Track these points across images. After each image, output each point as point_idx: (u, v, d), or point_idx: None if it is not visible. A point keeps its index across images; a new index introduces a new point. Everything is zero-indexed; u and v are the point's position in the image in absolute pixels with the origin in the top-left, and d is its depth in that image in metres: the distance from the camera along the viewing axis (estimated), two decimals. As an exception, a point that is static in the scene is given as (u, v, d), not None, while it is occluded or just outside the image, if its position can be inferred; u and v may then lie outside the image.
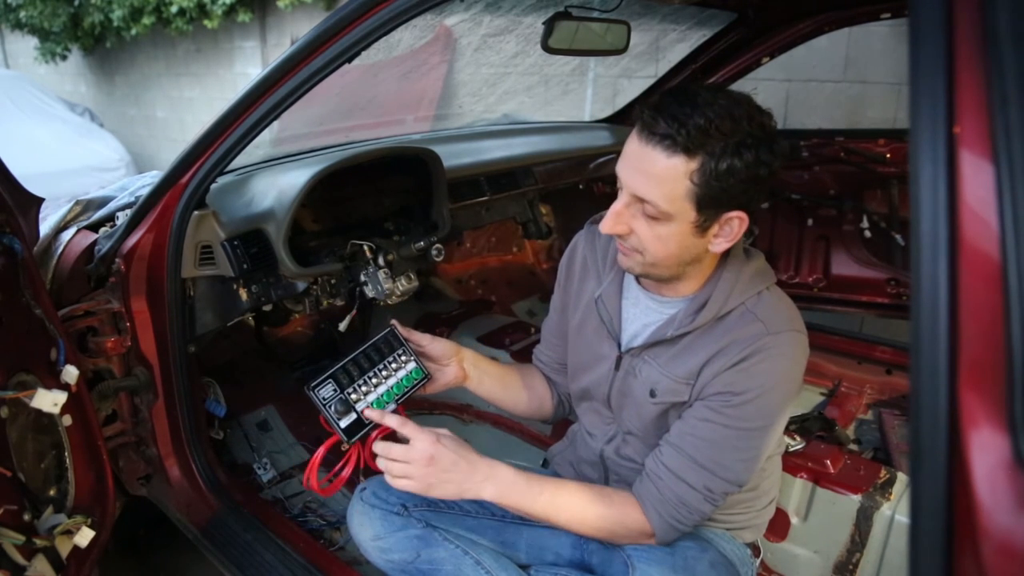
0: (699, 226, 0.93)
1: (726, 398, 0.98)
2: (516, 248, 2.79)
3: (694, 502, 1.01)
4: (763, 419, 0.99)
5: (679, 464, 1.01)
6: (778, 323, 0.99)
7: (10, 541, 1.11)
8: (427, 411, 2.20)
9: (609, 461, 1.19)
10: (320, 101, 2.56)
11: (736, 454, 1.00)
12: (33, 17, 6.73)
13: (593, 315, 1.16)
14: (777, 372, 0.98)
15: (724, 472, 1.00)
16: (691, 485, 1.00)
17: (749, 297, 1.01)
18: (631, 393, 1.10)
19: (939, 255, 0.53)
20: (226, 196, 1.53)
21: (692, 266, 1.01)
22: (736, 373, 0.97)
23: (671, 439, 1.03)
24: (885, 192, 2.29)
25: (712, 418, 0.99)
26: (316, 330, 2.22)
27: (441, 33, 4.33)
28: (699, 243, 0.96)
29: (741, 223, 0.94)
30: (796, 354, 0.99)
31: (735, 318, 1.01)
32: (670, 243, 0.95)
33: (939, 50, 0.53)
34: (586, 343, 1.18)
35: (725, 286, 1.01)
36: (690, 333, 1.03)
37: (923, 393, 0.54)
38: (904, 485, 1.38)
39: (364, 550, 1.20)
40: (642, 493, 1.05)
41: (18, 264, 1.23)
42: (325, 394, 1.09)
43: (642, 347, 1.08)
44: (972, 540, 0.53)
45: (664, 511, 1.02)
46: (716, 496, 1.01)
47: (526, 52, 3.83)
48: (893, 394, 2.01)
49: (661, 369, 1.06)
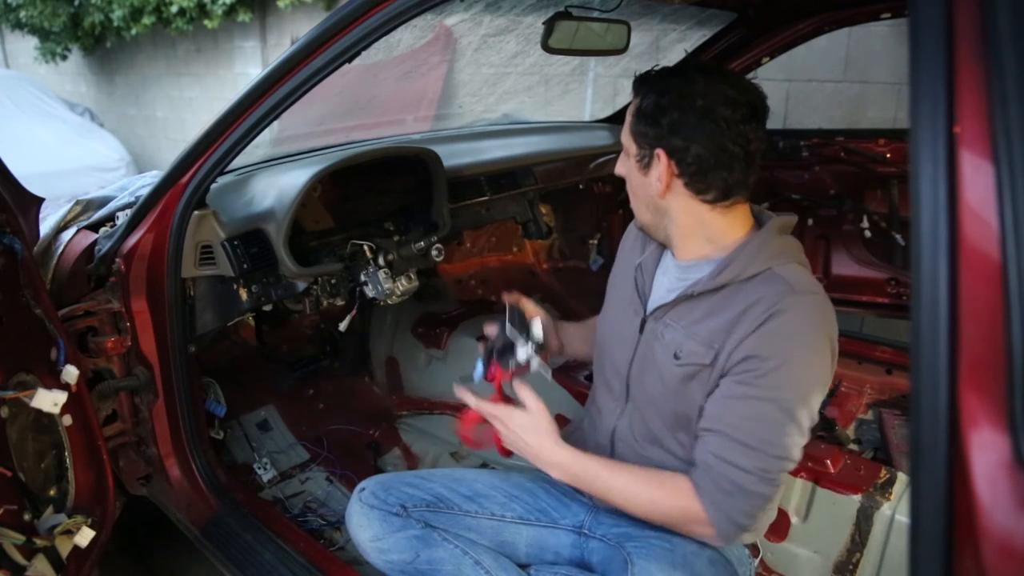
0: (640, 161, 1.07)
1: (753, 364, 0.97)
2: (516, 248, 2.79)
3: (750, 485, 0.97)
4: (795, 389, 0.97)
5: (726, 449, 0.98)
6: (804, 285, 1.00)
7: (10, 541, 1.11)
8: (427, 411, 2.20)
9: (619, 442, 1.18)
10: (320, 101, 2.57)
11: (778, 428, 0.97)
12: (33, 17, 6.73)
13: (629, 284, 1.19)
14: (803, 335, 0.97)
15: (773, 449, 0.97)
16: (743, 468, 0.97)
17: (778, 264, 1.02)
18: (654, 358, 1.09)
19: (939, 255, 0.53)
20: (226, 196, 1.53)
21: (665, 218, 1.08)
22: (760, 336, 0.96)
23: (711, 425, 1.01)
24: (885, 192, 2.28)
25: (745, 392, 0.98)
26: (316, 330, 2.22)
27: (441, 33, 4.33)
28: (646, 183, 1.07)
29: (664, 162, 1.02)
30: (821, 318, 0.99)
31: (761, 281, 1.01)
32: (632, 181, 1.11)
33: (939, 50, 0.53)
34: (616, 310, 1.22)
35: (751, 249, 1.02)
36: (715, 293, 1.03)
37: (923, 393, 0.55)
38: (904, 485, 1.38)
39: (363, 551, 1.20)
40: (699, 483, 1.02)
41: (18, 264, 1.23)
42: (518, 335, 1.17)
43: (666, 307, 1.09)
44: (972, 540, 0.53)
45: (723, 503, 0.99)
46: (773, 476, 0.98)
47: (526, 52, 3.83)
48: (893, 394, 2.01)
49: (684, 330, 1.05)
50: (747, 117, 0.99)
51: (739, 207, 1.06)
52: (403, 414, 2.24)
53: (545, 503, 1.24)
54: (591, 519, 1.21)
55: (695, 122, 0.98)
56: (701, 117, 0.98)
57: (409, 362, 2.24)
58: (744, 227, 1.07)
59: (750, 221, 1.08)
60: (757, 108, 1.00)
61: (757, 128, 1.00)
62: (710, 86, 0.98)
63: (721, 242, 1.06)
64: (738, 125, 0.98)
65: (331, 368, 2.25)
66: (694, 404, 1.05)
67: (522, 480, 1.28)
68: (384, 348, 2.30)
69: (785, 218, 1.08)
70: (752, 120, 0.99)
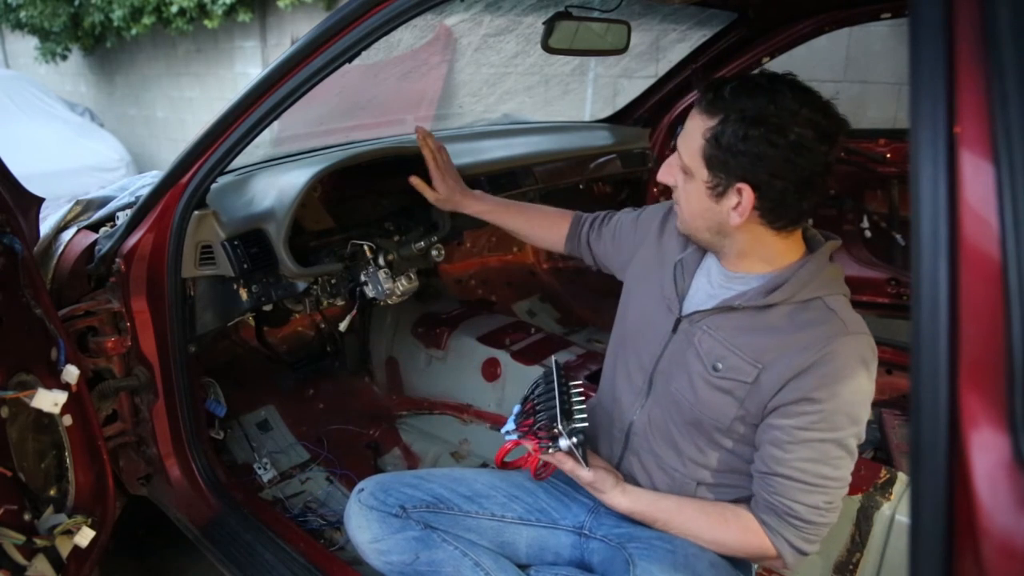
0: (712, 189, 0.99)
1: (809, 407, 0.96)
2: (516, 248, 2.79)
3: (816, 518, 1.00)
4: (851, 425, 0.98)
5: (789, 490, 1.00)
6: (856, 325, 0.99)
7: (10, 541, 1.11)
8: (427, 411, 2.20)
9: (634, 436, 1.17)
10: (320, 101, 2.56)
11: (838, 463, 0.98)
12: (33, 17, 6.73)
13: (664, 278, 1.16)
14: (857, 376, 0.96)
15: (833, 483, 0.99)
16: (808, 505, 0.99)
17: (827, 294, 1.01)
18: (685, 362, 1.08)
19: (939, 255, 0.53)
20: (226, 196, 1.53)
21: (726, 239, 1.04)
22: (815, 378, 0.96)
23: (773, 469, 1.01)
24: (885, 192, 2.28)
25: (805, 437, 0.97)
26: (316, 330, 2.22)
27: (441, 33, 4.33)
28: (716, 209, 1.00)
29: (748, 197, 0.96)
30: (870, 357, 0.99)
31: (813, 311, 1.00)
32: (691, 201, 1.03)
33: (939, 50, 0.53)
34: (647, 302, 1.19)
35: (805, 274, 1.01)
36: (760, 311, 1.02)
37: (923, 393, 0.54)
38: (904, 485, 1.38)
39: (362, 552, 1.19)
40: (765, 520, 1.03)
41: (18, 264, 1.23)
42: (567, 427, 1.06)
43: (705, 313, 1.07)
44: (972, 540, 0.53)
45: (790, 535, 1.01)
46: (835, 503, 1.01)
47: (526, 52, 3.83)
48: (893, 394, 2.01)
49: (724, 342, 1.04)
50: (832, 145, 0.94)
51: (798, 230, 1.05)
52: (403, 414, 2.24)
53: (545, 503, 1.24)
54: (592, 519, 1.21)
55: (786, 157, 0.92)
56: (794, 153, 0.91)
57: (409, 362, 2.24)
58: (799, 249, 1.05)
59: (802, 243, 1.07)
60: (839, 134, 0.95)
61: (832, 151, 0.94)
62: (802, 114, 0.91)
63: (777, 262, 1.05)
64: (825, 156, 0.93)
65: (331, 368, 2.25)
66: (720, 416, 1.05)
67: (522, 480, 1.27)
68: (384, 348, 2.30)
69: (833, 243, 1.07)
70: (834, 146, 0.94)
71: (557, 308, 2.74)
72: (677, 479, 1.13)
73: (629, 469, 1.19)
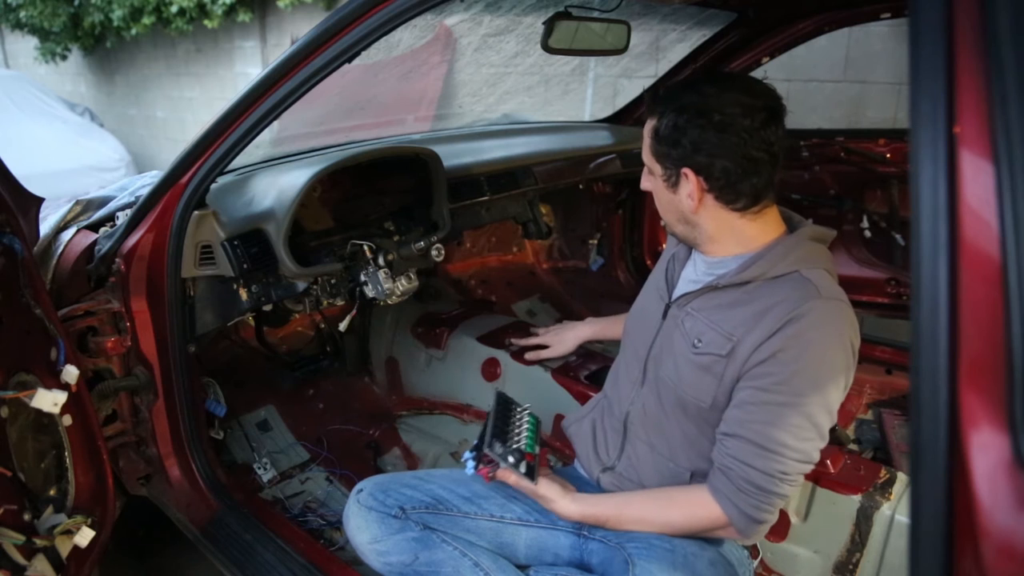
0: (667, 181, 1.07)
1: (774, 368, 0.98)
2: (516, 248, 2.79)
3: (769, 486, 1.00)
4: (815, 393, 0.98)
5: (745, 452, 1.01)
6: (830, 290, 1.01)
7: (10, 541, 1.11)
8: (427, 411, 2.20)
9: (631, 426, 1.20)
10: (320, 101, 2.57)
11: (798, 431, 0.98)
12: (33, 17, 6.72)
13: (658, 272, 1.24)
14: (825, 340, 0.97)
15: (792, 452, 0.99)
16: (762, 471, 0.99)
17: (805, 267, 1.02)
18: (673, 345, 1.12)
19: (939, 255, 0.53)
20: (226, 196, 1.53)
21: (696, 229, 1.09)
22: (783, 339, 0.97)
23: (731, 430, 1.03)
24: (885, 192, 2.28)
25: (766, 398, 0.99)
26: (316, 330, 2.22)
27: (441, 33, 4.33)
28: (675, 200, 1.08)
29: (694, 181, 1.03)
30: (844, 324, 0.99)
31: (787, 281, 1.02)
32: (659, 197, 1.11)
33: (939, 50, 0.53)
34: (644, 299, 1.27)
35: (780, 249, 1.04)
36: (740, 287, 1.05)
37: (923, 393, 0.54)
38: (904, 485, 1.38)
39: (361, 553, 1.20)
40: (716, 486, 1.05)
41: (18, 264, 1.23)
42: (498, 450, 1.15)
43: (691, 295, 1.11)
44: (972, 540, 0.53)
45: (740, 501, 1.02)
46: (791, 477, 1.01)
47: (526, 52, 3.83)
48: (893, 394, 2.01)
49: (705, 319, 1.07)
50: (766, 121, 0.99)
51: (769, 212, 1.07)
52: (403, 414, 2.24)
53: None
54: (591, 519, 1.22)
55: (716, 137, 0.99)
56: (721, 131, 0.98)
57: (409, 362, 2.24)
58: (775, 231, 1.08)
59: (782, 227, 1.09)
60: (775, 109, 1.00)
61: (777, 129, 1.00)
62: (724, 96, 0.98)
63: (752, 245, 1.07)
64: (759, 131, 0.98)
65: (331, 368, 2.25)
66: (702, 395, 1.07)
67: (522, 480, 1.28)
68: (384, 348, 2.29)
69: (822, 229, 1.09)
70: (772, 123, 1.00)
71: (557, 308, 2.74)
72: (671, 469, 1.15)
73: (628, 461, 1.20)
